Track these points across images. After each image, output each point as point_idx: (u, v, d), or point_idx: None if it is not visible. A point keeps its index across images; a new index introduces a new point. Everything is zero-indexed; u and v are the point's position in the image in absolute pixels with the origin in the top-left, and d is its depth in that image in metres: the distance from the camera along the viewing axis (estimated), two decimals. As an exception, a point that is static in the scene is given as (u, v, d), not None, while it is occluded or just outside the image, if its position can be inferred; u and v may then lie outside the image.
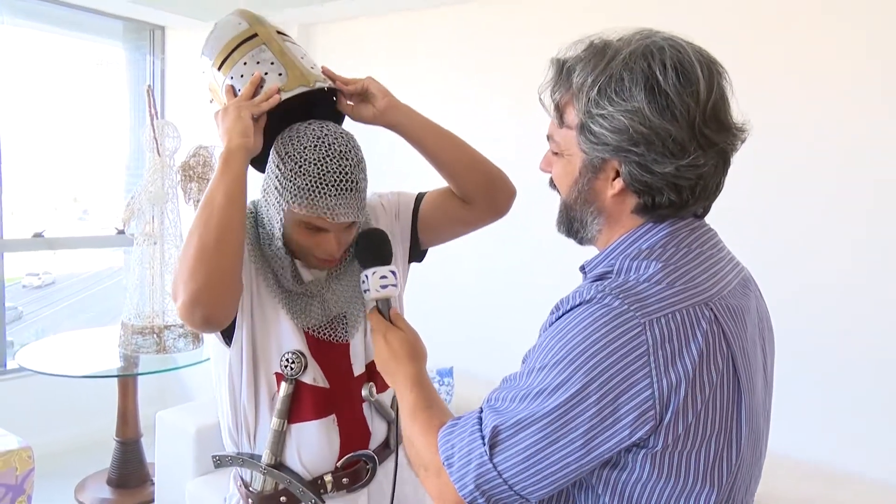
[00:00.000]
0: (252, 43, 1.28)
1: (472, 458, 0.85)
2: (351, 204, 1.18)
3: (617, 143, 0.83)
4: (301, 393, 1.27)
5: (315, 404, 1.27)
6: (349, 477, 1.30)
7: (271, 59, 1.26)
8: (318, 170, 1.15)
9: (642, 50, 0.83)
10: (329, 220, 1.18)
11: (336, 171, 1.16)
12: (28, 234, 3.78)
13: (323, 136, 1.19)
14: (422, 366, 1.10)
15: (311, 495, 1.25)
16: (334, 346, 1.31)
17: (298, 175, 1.16)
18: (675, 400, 0.79)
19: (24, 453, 2.45)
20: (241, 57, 1.27)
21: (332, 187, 1.15)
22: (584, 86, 0.85)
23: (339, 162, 1.17)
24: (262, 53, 1.27)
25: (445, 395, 2.67)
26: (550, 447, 0.81)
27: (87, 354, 3.34)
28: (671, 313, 0.80)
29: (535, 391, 0.82)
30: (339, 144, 1.18)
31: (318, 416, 1.27)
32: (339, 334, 1.31)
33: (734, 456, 0.86)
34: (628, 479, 0.84)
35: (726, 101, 0.86)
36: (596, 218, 0.91)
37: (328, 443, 1.28)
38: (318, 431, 1.28)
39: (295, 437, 1.27)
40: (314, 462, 1.28)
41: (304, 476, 1.27)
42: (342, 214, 1.17)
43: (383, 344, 1.13)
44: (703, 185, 0.86)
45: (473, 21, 3.03)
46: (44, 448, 3.23)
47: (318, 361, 1.28)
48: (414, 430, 0.98)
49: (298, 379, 1.26)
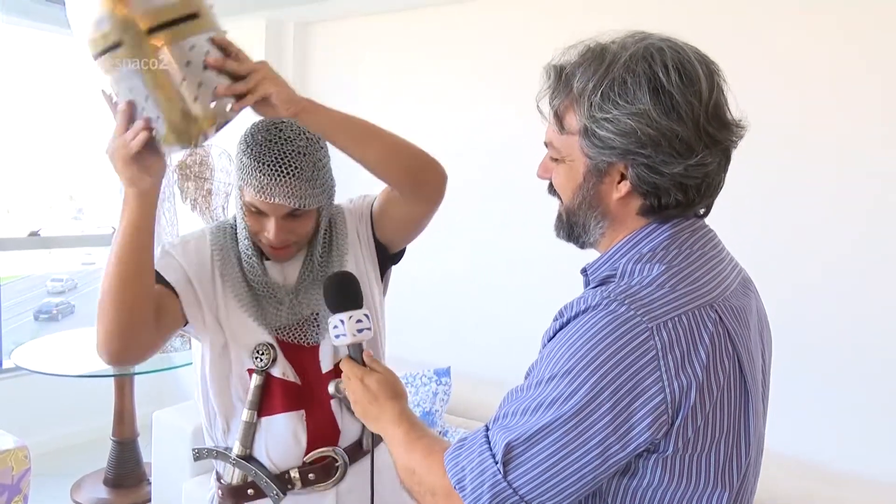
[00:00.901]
0: (120, 54, 0.94)
1: (486, 477, 0.83)
2: (287, 187, 1.18)
3: (624, 147, 0.83)
4: (272, 386, 1.28)
5: (285, 397, 1.29)
6: (315, 473, 1.30)
7: (145, 93, 0.96)
8: (261, 150, 1.18)
9: (642, 52, 0.83)
10: (265, 201, 1.19)
11: (277, 153, 1.18)
12: (24, 233, 3.76)
13: (278, 122, 1.21)
14: (404, 403, 1.07)
15: (274, 488, 1.26)
16: (303, 349, 1.32)
17: (245, 154, 1.20)
18: (686, 403, 0.79)
19: (21, 453, 2.44)
20: (114, 65, 0.96)
21: (268, 167, 1.17)
22: (586, 90, 0.84)
23: (282, 146, 1.18)
24: (134, 79, 0.95)
25: (443, 395, 2.66)
26: (567, 459, 0.80)
27: (83, 354, 3.33)
28: (677, 317, 0.80)
29: (546, 402, 0.81)
30: (290, 131, 1.20)
31: (287, 410, 1.29)
32: (309, 336, 1.32)
33: (743, 456, 0.86)
34: (639, 485, 0.84)
35: (725, 98, 0.86)
36: (600, 222, 0.91)
37: (294, 437, 1.29)
38: (286, 425, 1.28)
39: (264, 429, 1.28)
40: (281, 456, 1.29)
41: (271, 469, 1.28)
42: (276, 195, 1.18)
43: (361, 389, 1.09)
44: (708, 184, 0.86)
45: (472, 20, 3.03)
46: (40, 447, 3.23)
47: (289, 360, 1.30)
48: (413, 459, 0.95)
49: (269, 372, 1.28)
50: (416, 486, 0.94)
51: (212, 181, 3.59)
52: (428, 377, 2.66)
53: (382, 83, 3.37)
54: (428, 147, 1.33)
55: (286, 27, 3.67)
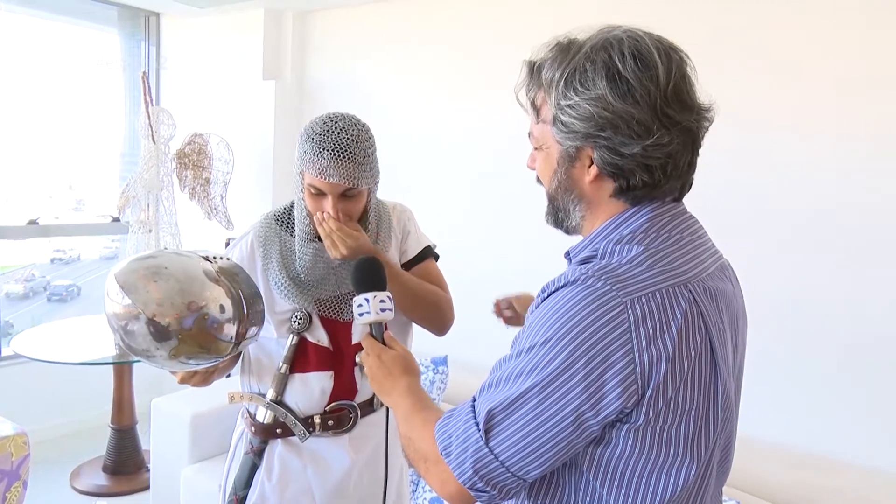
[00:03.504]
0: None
1: (469, 444, 0.89)
2: (342, 169, 1.38)
3: (585, 130, 0.89)
4: (308, 348, 1.52)
5: (317, 359, 1.52)
6: (334, 420, 1.54)
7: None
8: (321, 138, 1.39)
9: (602, 42, 0.89)
10: (324, 181, 1.39)
11: (334, 139, 1.38)
12: (23, 222, 3.76)
13: (335, 116, 1.42)
14: (416, 379, 1.14)
15: (302, 427, 1.52)
16: (339, 323, 1.54)
17: (306, 142, 1.41)
18: (656, 375, 0.84)
19: (20, 439, 2.46)
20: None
21: (327, 152, 1.38)
22: (553, 81, 0.91)
23: (338, 134, 1.39)
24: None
25: (440, 384, 2.68)
26: (544, 425, 0.85)
27: (82, 341, 3.34)
28: (651, 293, 0.85)
29: (526, 370, 0.86)
30: (345, 123, 1.41)
31: (319, 369, 1.53)
32: (345, 313, 1.53)
33: (711, 430, 0.91)
34: (612, 454, 0.88)
35: (689, 83, 0.91)
36: (577, 205, 0.96)
37: (321, 391, 1.53)
38: (316, 381, 1.52)
39: (298, 382, 1.53)
40: (307, 404, 1.53)
41: (297, 414, 1.53)
42: (333, 176, 1.38)
43: (378, 364, 1.17)
44: (674, 164, 0.90)
45: (471, 8, 3.03)
46: (39, 434, 3.25)
47: (326, 330, 1.53)
48: (412, 428, 1.02)
49: (304, 336, 1.51)
50: (413, 453, 1.00)
51: (210, 170, 3.60)
52: (425, 366, 2.68)
53: (381, 71, 3.37)
54: (425, 134, 1.36)
55: (285, 16, 3.67)
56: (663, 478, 0.89)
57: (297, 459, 1.56)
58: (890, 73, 2.05)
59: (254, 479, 1.56)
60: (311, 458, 1.56)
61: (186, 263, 1.32)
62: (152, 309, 1.23)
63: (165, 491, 2.77)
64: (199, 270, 1.31)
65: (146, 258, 1.32)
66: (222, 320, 1.29)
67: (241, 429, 1.64)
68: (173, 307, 1.24)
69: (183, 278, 1.28)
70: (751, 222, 2.30)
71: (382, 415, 1.59)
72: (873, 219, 2.09)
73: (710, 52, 0.94)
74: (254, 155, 3.68)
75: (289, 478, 1.55)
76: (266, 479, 1.56)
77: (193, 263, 1.32)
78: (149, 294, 1.24)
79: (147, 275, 1.27)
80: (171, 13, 4.03)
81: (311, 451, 1.56)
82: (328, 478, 1.56)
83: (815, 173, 2.18)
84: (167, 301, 1.24)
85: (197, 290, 1.28)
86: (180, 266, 1.30)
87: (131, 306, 1.24)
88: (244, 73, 3.74)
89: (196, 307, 1.26)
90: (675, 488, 0.89)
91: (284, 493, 1.55)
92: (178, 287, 1.26)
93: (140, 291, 1.25)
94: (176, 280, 1.27)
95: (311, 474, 1.56)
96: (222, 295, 1.30)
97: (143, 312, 1.23)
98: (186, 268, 1.31)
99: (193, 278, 1.29)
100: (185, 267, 1.31)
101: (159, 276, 1.27)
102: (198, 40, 3.97)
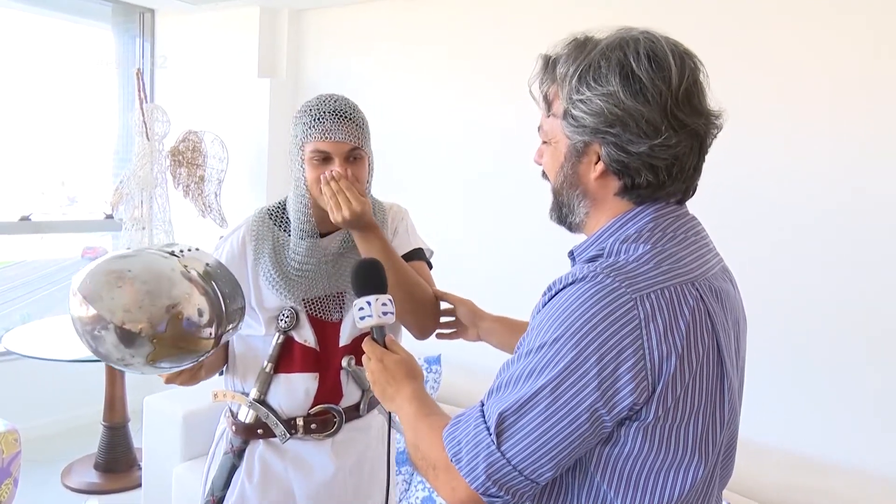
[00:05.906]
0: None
1: (480, 449, 0.87)
2: (347, 128, 1.40)
3: (594, 126, 0.89)
4: (293, 348, 1.50)
5: (303, 360, 1.50)
6: (318, 423, 1.52)
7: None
8: (320, 107, 1.41)
9: (618, 41, 0.90)
10: (329, 142, 1.39)
11: (334, 105, 1.41)
12: (15, 218, 3.74)
13: (327, 94, 1.45)
14: (420, 383, 1.11)
15: (283, 428, 1.49)
16: (327, 323, 1.51)
17: (304, 115, 1.42)
18: (667, 372, 0.84)
19: (11, 436, 2.45)
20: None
21: (329, 115, 1.40)
22: (567, 75, 0.91)
23: (336, 102, 1.43)
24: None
25: (433, 383, 2.68)
26: (558, 424, 0.84)
27: (74, 338, 3.32)
28: (660, 290, 0.85)
29: (536, 370, 0.85)
30: (339, 97, 1.44)
31: (304, 371, 1.51)
32: (334, 313, 1.51)
33: (719, 429, 0.91)
34: (620, 453, 0.88)
35: (700, 88, 0.91)
36: (582, 201, 0.96)
37: (305, 393, 1.51)
38: (300, 382, 1.50)
39: (283, 382, 1.51)
40: (290, 405, 1.51)
41: (280, 414, 1.51)
42: (339, 133, 1.39)
43: (380, 368, 1.12)
44: (680, 167, 0.91)
45: (467, 7, 3.03)
46: (31, 432, 3.23)
47: (314, 330, 1.51)
48: (418, 436, 0.99)
49: (290, 335, 1.49)
50: (421, 461, 0.98)
51: (204, 168, 3.59)
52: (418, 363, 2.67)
53: (376, 70, 3.37)
54: (421, 133, 1.36)
55: (280, 14, 3.66)
56: (671, 478, 0.88)
57: (279, 461, 1.54)
58: (886, 74, 2.06)
59: (232, 479, 1.54)
60: (292, 460, 1.54)
61: (151, 261, 1.22)
62: (120, 316, 1.14)
63: (157, 489, 2.76)
64: (165, 268, 1.21)
65: (107, 261, 1.23)
66: (199, 320, 1.21)
67: (222, 428, 1.63)
68: (142, 311, 1.15)
69: (149, 278, 1.18)
70: (749, 223, 2.30)
71: (368, 420, 1.58)
72: (872, 219, 2.10)
73: (707, 54, 0.95)
74: (248, 153, 3.67)
75: (270, 479, 1.54)
76: (246, 480, 1.54)
77: (158, 260, 1.22)
78: (114, 301, 1.15)
79: (110, 280, 1.17)
80: (166, 10, 4.01)
81: (293, 453, 1.54)
82: (310, 481, 1.54)
83: (815, 174, 2.19)
84: (134, 306, 1.15)
85: (166, 289, 1.18)
86: (145, 265, 1.21)
87: (98, 316, 1.15)
88: (239, 71, 3.73)
89: (169, 308, 1.17)
90: (682, 489, 0.88)
91: (266, 495, 1.53)
92: (145, 289, 1.17)
93: (105, 299, 1.15)
94: (142, 282, 1.17)
95: (292, 476, 1.54)
96: (194, 291, 1.21)
97: (112, 321, 1.14)
98: (151, 266, 1.21)
99: (160, 277, 1.19)
100: (150, 266, 1.21)
101: (123, 280, 1.17)
102: (193, 37, 3.95)
